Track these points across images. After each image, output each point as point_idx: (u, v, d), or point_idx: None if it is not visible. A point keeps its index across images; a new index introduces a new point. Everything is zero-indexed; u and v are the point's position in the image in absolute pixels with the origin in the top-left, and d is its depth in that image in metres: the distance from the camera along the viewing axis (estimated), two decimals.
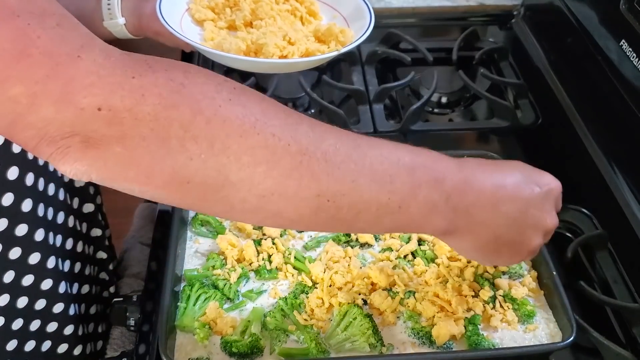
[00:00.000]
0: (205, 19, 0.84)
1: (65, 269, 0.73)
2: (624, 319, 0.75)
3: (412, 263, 0.76)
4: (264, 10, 0.82)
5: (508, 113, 1.03)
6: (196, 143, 0.44)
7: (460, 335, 0.68)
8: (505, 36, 1.26)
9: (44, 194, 0.67)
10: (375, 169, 0.50)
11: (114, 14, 0.81)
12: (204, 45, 0.79)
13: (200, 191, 0.46)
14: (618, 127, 0.92)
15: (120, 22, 0.81)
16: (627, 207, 0.84)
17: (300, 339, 0.68)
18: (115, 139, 0.42)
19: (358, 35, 0.81)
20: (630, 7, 0.87)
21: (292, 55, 0.77)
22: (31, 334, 0.69)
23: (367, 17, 0.83)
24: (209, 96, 0.45)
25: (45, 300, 0.70)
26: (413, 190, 0.51)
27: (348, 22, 0.86)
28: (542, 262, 0.73)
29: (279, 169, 0.47)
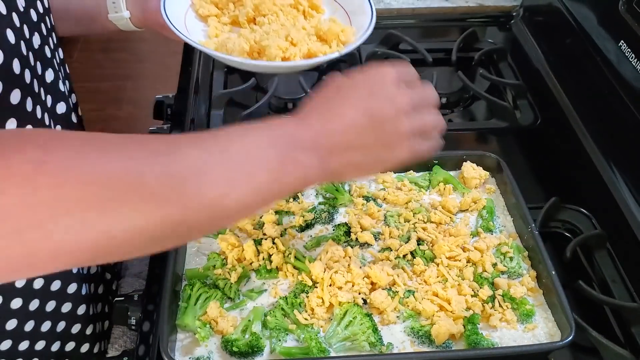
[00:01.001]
0: (209, 14, 0.84)
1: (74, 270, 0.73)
2: (622, 319, 0.75)
3: (411, 262, 0.76)
4: (266, 6, 0.83)
5: (507, 113, 1.04)
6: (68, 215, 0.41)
7: (460, 334, 0.68)
8: (504, 37, 1.26)
9: None
10: (247, 154, 0.51)
11: (118, 7, 0.81)
12: (208, 44, 0.79)
13: (89, 257, 0.44)
14: (617, 128, 0.92)
15: (125, 15, 0.82)
16: (625, 207, 0.84)
17: (300, 338, 0.68)
18: None
19: (359, 33, 0.81)
20: (629, 8, 0.88)
21: (294, 56, 0.77)
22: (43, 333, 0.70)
23: (369, 13, 0.83)
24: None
25: (55, 301, 0.70)
26: (286, 162, 0.53)
27: (350, 16, 0.86)
28: (541, 262, 0.73)
29: (159, 211, 0.45)
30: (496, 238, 0.78)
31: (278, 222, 0.80)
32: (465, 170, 0.86)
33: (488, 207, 0.82)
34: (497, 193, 0.85)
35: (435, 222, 0.80)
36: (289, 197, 0.80)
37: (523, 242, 0.79)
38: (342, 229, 0.79)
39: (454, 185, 0.85)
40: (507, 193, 0.83)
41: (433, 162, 0.87)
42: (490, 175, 0.87)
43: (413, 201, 0.83)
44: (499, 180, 0.86)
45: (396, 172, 0.88)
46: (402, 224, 0.80)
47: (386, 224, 0.81)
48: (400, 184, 0.86)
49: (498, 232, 0.80)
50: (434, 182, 0.86)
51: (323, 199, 0.85)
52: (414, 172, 0.88)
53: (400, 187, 0.85)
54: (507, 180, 0.83)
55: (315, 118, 0.56)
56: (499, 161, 0.85)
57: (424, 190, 0.86)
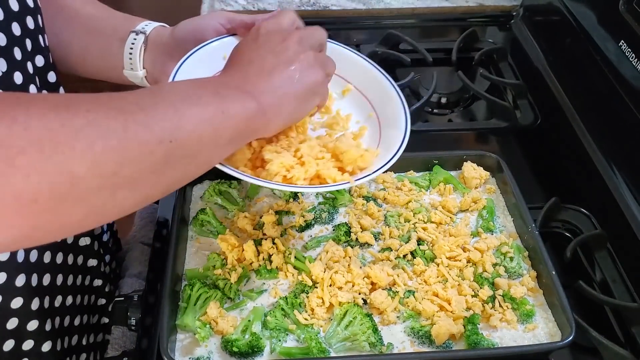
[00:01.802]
0: None
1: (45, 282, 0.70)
2: (623, 319, 0.75)
3: (411, 263, 0.76)
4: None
5: (507, 113, 1.04)
6: (24, 155, 0.41)
7: (460, 334, 0.68)
8: (504, 37, 1.26)
9: None
10: (184, 94, 0.53)
11: (135, 64, 0.77)
12: None
13: (51, 204, 0.43)
14: (617, 127, 0.92)
15: (140, 74, 0.77)
16: (626, 206, 0.84)
17: (300, 339, 0.68)
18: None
19: (382, 157, 0.71)
20: (629, 7, 0.88)
21: (296, 179, 0.65)
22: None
23: (401, 131, 0.72)
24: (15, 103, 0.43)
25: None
26: (220, 95, 0.56)
27: (381, 126, 0.76)
28: (541, 262, 0.73)
29: (113, 137, 0.45)
30: (496, 238, 0.78)
31: (278, 222, 0.80)
32: (466, 170, 0.86)
33: (488, 207, 0.82)
34: (497, 193, 0.85)
35: (436, 222, 0.80)
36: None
37: (523, 242, 0.79)
38: (342, 229, 0.79)
39: (454, 185, 0.85)
40: (507, 193, 0.83)
41: (433, 162, 0.87)
42: (490, 175, 0.87)
43: (413, 201, 0.83)
44: (499, 180, 0.86)
45: (396, 172, 0.88)
46: (402, 224, 0.80)
47: (386, 224, 0.81)
48: (400, 184, 0.86)
49: (498, 232, 0.80)
50: (434, 182, 0.86)
51: (323, 199, 0.85)
52: (414, 172, 0.88)
53: (401, 187, 0.85)
54: (507, 180, 0.83)
55: (236, 67, 0.62)
56: (499, 161, 0.85)
57: (424, 190, 0.86)
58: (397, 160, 0.87)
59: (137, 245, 0.91)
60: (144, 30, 0.77)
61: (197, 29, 0.76)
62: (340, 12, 1.28)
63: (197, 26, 0.76)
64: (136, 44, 0.76)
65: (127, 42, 0.76)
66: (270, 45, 0.63)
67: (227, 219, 0.81)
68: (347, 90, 0.81)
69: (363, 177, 0.68)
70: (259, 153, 0.68)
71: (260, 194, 0.85)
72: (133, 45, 0.76)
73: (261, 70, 0.61)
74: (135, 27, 0.77)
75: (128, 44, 0.76)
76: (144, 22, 0.78)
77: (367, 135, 0.76)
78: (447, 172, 0.87)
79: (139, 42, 0.76)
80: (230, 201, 0.83)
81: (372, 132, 0.76)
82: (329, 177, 0.68)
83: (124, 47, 0.76)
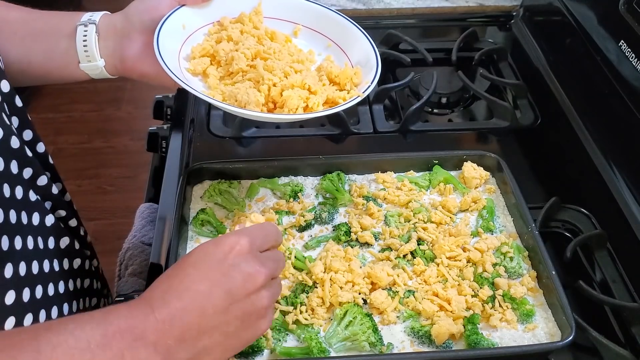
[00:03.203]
0: (204, 67, 0.77)
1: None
2: (623, 319, 0.75)
3: (411, 262, 0.76)
4: (267, 53, 0.77)
5: (507, 113, 1.04)
6: None
7: (460, 334, 0.68)
8: (504, 37, 1.26)
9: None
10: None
11: (92, 55, 0.74)
12: (213, 96, 0.73)
13: None
14: (617, 127, 0.92)
15: (99, 64, 0.75)
16: (625, 206, 0.84)
17: (300, 338, 0.68)
18: None
19: (366, 70, 0.77)
20: (629, 7, 0.88)
21: (317, 106, 0.73)
22: None
23: (367, 46, 0.79)
24: None
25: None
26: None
27: (343, 49, 0.82)
28: (541, 262, 0.73)
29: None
30: (496, 238, 0.78)
31: (278, 222, 0.80)
32: (466, 170, 0.86)
33: (488, 207, 0.82)
34: (497, 193, 0.85)
35: (436, 222, 0.80)
36: None
37: (523, 242, 0.79)
38: (342, 229, 0.79)
39: (454, 185, 0.85)
40: (507, 193, 0.83)
41: (433, 162, 0.87)
42: (490, 175, 0.87)
43: (413, 201, 0.83)
44: (499, 180, 0.86)
45: (396, 172, 0.88)
46: (403, 223, 0.80)
47: (386, 223, 0.81)
48: (400, 184, 0.86)
49: (498, 232, 0.80)
50: (434, 182, 0.86)
51: (323, 199, 0.85)
52: (414, 172, 0.88)
53: (401, 187, 0.85)
54: (507, 180, 0.83)
55: (164, 299, 0.52)
56: (499, 161, 0.85)
57: (424, 190, 0.86)
58: (397, 161, 0.88)
59: (138, 245, 0.91)
60: (92, 21, 0.74)
61: (152, 5, 0.75)
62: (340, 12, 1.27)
63: (150, 4, 0.75)
64: (89, 35, 0.73)
65: (78, 36, 0.73)
66: (228, 284, 0.54)
67: (227, 219, 0.81)
68: (298, 30, 0.84)
69: (368, 87, 0.75)
70: (269, 96, 0.73)
71: (260, 194, 0.85)
72: (86, 37, 0.73)
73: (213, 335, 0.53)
74: (81, 20, 0.75)
75: (79, 38, 0.73)
76: (86, 14, 0.76)
77: (336, 61, 0.81)
78: (447, 172, 0.87)
79: (92, 33, 0.74)
80: (230, 201, 0.83)
81: (338, 57, 0.82)
82: (340, 98, 0.75)
83: (74, 42, 0.74)
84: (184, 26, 0.77)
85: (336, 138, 1.01)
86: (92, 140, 2.53)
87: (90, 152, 2.48)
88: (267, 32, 0.81)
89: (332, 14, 0.84)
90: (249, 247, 0.56)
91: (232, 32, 0.79)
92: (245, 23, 0.81)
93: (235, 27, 0.80)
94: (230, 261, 0.55)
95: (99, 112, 2.60)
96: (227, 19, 0.81)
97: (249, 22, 0.81)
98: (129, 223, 0.99)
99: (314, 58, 0.82)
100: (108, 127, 2.58)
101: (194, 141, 0.98)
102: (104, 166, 2.42)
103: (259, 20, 0.82)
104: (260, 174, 0.86)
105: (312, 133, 1.01)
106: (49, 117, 2.57)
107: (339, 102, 0.74)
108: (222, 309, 0.53)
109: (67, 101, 2.60)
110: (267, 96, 0.73)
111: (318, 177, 0.87)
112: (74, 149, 2.49)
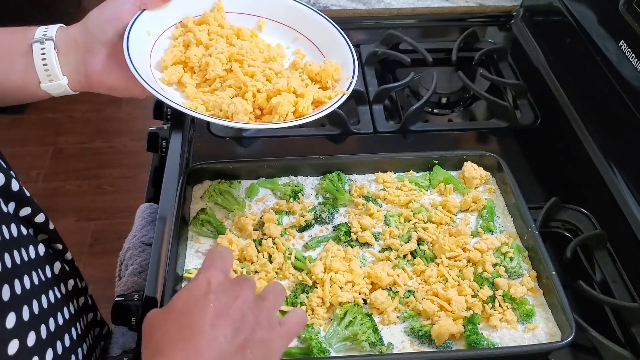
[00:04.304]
0: (179, 76, 0.75)
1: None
2: (623, 319, 0.75)
3: (412, 262, 0.76)
4: (241, 55, 0.75)
5: (507, 113, 1.04)
6: None
7: (460, 334, 0.68)
8: (504, 37, 1.26)
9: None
10: None
11: (54, 74, 0.69)
12: (194, 107, 0.70)
13: None
14: (617, 128, 0.92)
15: (62, 82, 0.70)
16: (625, 206, 0.84)
17: (300, 338, 0.68)
18: None
19: (346, 64, 0.77)
20: (629, 7, 0.88)
21: (306, 109, 0.71)
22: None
23: (334, 31, 0.79)
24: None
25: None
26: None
27: (312, 40, 0.81)
28: (541, 262, 0.73)
29: None
30: (496, 238, 0.78)
31: (278, 222, 0.80)
32: (466, 170, 0.86)
33: (488, 207, 0.82)
34: (498, 193, 0.85)
35: (436, 222, 0.80)
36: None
37: (523, 242, 0.79)
38: (342, 229, 0.79)
39: (455, 185, 0.85)
40: (507, 193, 0.83)
41: (433, 162, 0.87)
42: (490, 175, 0.87)
43: (413, 201, 0.83)
44: (499, 180, 0.86)
45: (396, 172, 0.88)
46: (403, 223, 0.80)
47: (386, 224, 0.81)
48: (400, 184, 0.86)
49: (498, 232, 0.80)
50: (434, 182, 0.86)
51: (323, 199, 0.85)
52: (414, 172, 0.88)
53: (401, 187, 0.85)
54: (507, 180, 0.83)
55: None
56: (499, 161, 0.85)
57: (424, 190, 0.86)
58: (397, 161, 0.88)
59: (138, 245, 0.91)
60: (49, 37, 0.69)
61: (112, 15, 0.71)
62: (340, 12, 1.28)
63: (111, 13, 0.71)
64: (47, 53, 0.69)
65: (35, 55, 0.68)
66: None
67: (227, 219, 0.81)
68: (262, 24, 0.82)
69: (350, 82, 0.74)
70: (255, 103, 0.72)
71: (260, 194, 0.85)
72: (44, 55, 0.68)
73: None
74: (35, 36, 0.69)
75: (37, 56, 0.68)
76: (39, 28, 0.70)
77: (306, 53, 0.81)
78: (447, 172, 0.87)
79: (51, 50, 0.69)
80: (230, 201, 0.83)
81: (307, 49, 0.81)
82: (326, 97, 0.74)
83: (31, 61, 0.68)
84: (148, 33, 0.74)
85: (336, 138, 1.01)
86: (92, 140, 2.53)
87: (90, 152, 2.48)
88: (233, 29, 0.79)
89: (294, 4, 0.82)
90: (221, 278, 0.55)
91: (200, 35, 0.77)
92: (210, 23, 0.79)
93: (202, 28, 0.78)
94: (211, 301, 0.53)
95: (99, 112, 2.60)
96: (190, 19, 0.79)
97: (214, 21, 0.79)
98: (129, 223, 0.99)
99: (283, 52, 0.81)
100: (108, 127, 2.58)
101: (194, 141, 0.98)
102: (104, 166, 2.42)
103: (221, 17, 0.80)
104: (260, 174, 0.86)
105: (312, 133, 1.01)
106: (49, 117, 2.57)
107: (325, 102, 0.74)
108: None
109: (67, 101, 2.58)
110: (253, 103, 0.71)
111: (318, 177, 0.87)
112: (74, 149, 2.49)
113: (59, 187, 2.32)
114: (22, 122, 2.54)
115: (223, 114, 0.69)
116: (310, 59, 0.80)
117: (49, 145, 2.49)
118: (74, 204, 2.23)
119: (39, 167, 2.38)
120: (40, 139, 2.50)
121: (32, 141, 2.49)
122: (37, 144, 2.49)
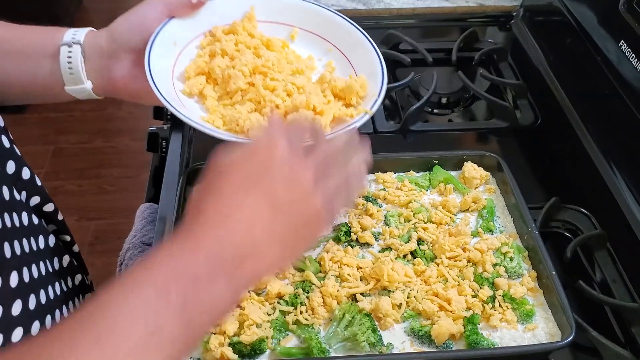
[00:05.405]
0: (201, 88, 0.73)
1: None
2: (623, 319, 0.75)
3: (412, 262, 0.76)
4: (265, 67, 0.72)
5: (507, 113, 1.04)
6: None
7: (460, 334, 0.68)
8: (504, 37, 1.26)
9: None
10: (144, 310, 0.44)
11: (78, 78, 0.69)
12: (212, 121, 0.69)
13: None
14: (617, 128, 0.92)
15: (87, 87, 0.70)
16: (625, 206, 0.84)
17: (300, 338, 0.68)
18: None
19: (372, 79, 0.73)
20: (629, 7, 0.88)
21: (324, 128, 0.68)
22: None
23: (370, 48, 0.75)
24: None
25: None
26: (186, 311, 0.45)
27: (345, 53, 0.78)
28: (541, 262, 0.73)
29: None
30: (496, 238, 0.78)
31: None
32: (467, 170, 0.86)
33: (488, 207, 0.82)
34: (498, 193, 0.85)
35: (436, 222, 0.80)
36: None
37: (523, 242, 0.79)
38: (342, 229, 0.79)
39: (455, 185, 0.85)
40: (507, 193, 0.83)
41: (433, 162, 0.88)
42: (490, 175, 0.87)
43: (413, 201, 0.83)
44: (499, 180, 0.86)
45: (396, 172, 0.88)
46: (403, 223, 0.80)
47: (386, 224, 0.81)
48: (400, 184, 0.86)
49: (498, 232, 0.80)
50: (434, 182, 0.86)
51: None
52: (414, 172, 0.88)
53: (401, 187, 0.85)
54: (507, 180, 0.83)
55: (211, 226, 0.48)
56: (499, 161, 0.85)
57: (424, 190, 0.86)
58: (397, 161, 0.88)
59: (137, 245, 0.91)
60: (77, 40, 0.69)
61: (138, 22, 0.70)
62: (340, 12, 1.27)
63: (137, 20, 0.71)
64: (74, 57, 0.68)
65: (62, 58, 0.68)
66: (273, 192, 0.51)
67: None
68: (295, 34, 0.80)
69: (375, 101, 0.70)
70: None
71: None
72: (70, 59, 0.68)
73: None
74: (64, 39, 0.69)
75: (64, 59, 0.68)
76: (68, 31, 0.70)
77: (337, 67, 0.77)
78: (447, 172, 0.87)
79: (77, 54, 0.68)
80: None
81: (339, 62, 0.77)
82: (347, 115, 0.70)
83: (57, 64, 0.68)
84: (175, 43, 0.73)
85: None
86: (92, 140, 2.53)
87: (90, 151, 2.48)
88: (263, 41, 0.77)
89: (332, 15, 0.79)
90: (287, 147, 0.52)
91: (226, 46, 0.74)
92: (239, 32, 0.76)
93: (229, 38, 0.75)
94: (270, 167, 0.51)
95: (100, 111, 2.60)
96: (219, 28, 0.76)
97: (243, 31, 0.76)
98: (129, 223, 0.99)
99: (314, 64, 0.78)
100: (109, 127, 2.58)
101: (194, 141, 0.98)
102: (105, 166, 2.42)
103: (252, 26, 0.77)
104: None
105: None
106: (49, 117, 2.58)
107: (346, 120, 0.70)
108: (270, 221, 0.50)
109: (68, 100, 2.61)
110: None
111: None
112: (75, 148, 2.49)
113: (60, 187, 2.32)
114: (23, 121, 2.54)
115: (239, 129, 0.68)
116: (340, 72, 0.76)
117: (49, 145, 2.50)
118: (75, 204, 2.24)
119: (39, 166, 2.38)
120: (41, 138, 2.51)
121: (33, 140, 2.49)
122: (37, 143, 2.49)
